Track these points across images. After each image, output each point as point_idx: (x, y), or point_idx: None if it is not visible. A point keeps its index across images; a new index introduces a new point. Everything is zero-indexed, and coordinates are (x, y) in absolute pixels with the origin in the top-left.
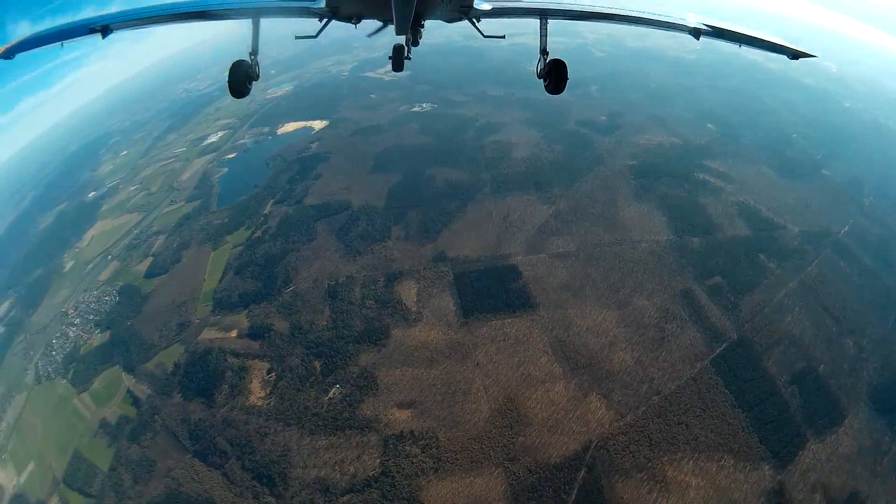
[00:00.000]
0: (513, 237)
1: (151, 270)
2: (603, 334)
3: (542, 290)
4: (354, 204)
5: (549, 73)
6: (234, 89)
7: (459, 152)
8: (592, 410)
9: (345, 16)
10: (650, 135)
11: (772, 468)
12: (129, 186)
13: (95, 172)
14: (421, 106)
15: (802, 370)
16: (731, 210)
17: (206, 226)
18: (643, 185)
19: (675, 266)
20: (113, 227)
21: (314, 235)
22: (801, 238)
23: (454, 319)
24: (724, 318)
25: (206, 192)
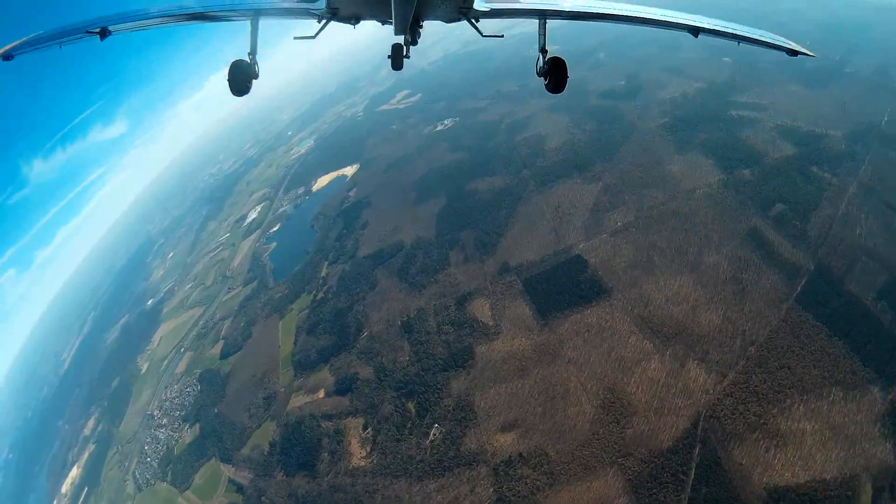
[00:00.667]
0: (569, 226)
1: (226, 351)
2: (683, 301)
3: (611, 273)
4: (406, 241)
5: (548, 72)
6: (235, 88)
7: (494, 158)
8: (693, 378)
9: (344, 17)
10: (672, 87)
11: (880, 388)
12: (185, 286)
13: (149, 281)
14: (443, 123)
15: (886, 282)
16: (772, 135)
17: (268, 301)
18: (681, 139)
19: (735, 204)
20: (178, 325)
21: (376, 282)
22: (846, 140)
23: (533, 324)
24: (796, 251)
25: (260, 271)
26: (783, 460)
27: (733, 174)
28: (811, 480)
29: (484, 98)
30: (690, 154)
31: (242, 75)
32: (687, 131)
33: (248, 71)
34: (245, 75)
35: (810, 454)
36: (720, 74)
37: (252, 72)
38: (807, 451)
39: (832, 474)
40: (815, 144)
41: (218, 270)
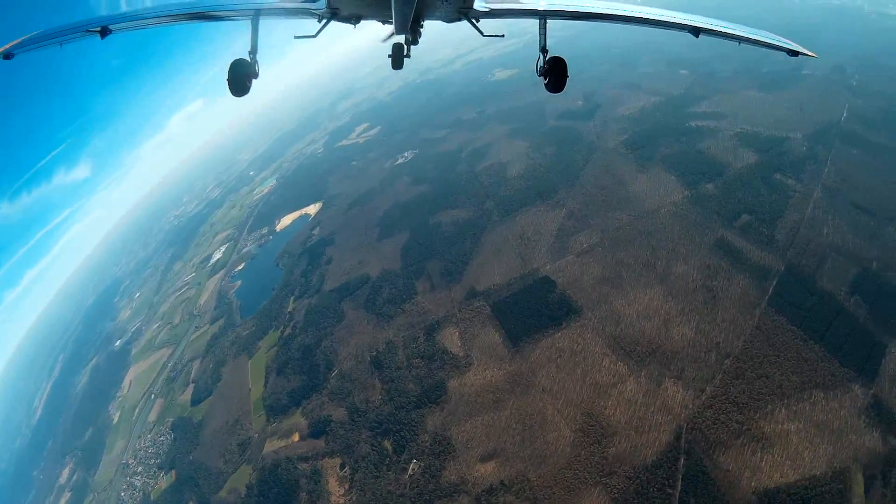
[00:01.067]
0: (535, 251)
1: (196, 396)
2: (654, 315)
3: (580, 291)
4: (372, 274)
5: (548, 72)
6: (234, 87)
7: (457, 190)
8: (671, 396)
9: (344, 16)
10: (630, 103)
11: (861, 385)
12: (152, 325)
13: (116, 321)
14: (404, 156)
15: (857, 276)
16: (733, 143)
17: (235, 339)
18: (642, 156)
19: (700, 219)
20: (148, 367)
21: (343, 315)
22: (807, 142)
23: (505, 352)
24: (765, 255)
25: (227, 309)
26: (771, 462)
27: (697, 189)
28: (801, 478)
29: (443, 127)
30: (652, 171)
31: (243, 74)
32: (647, 147)
33: (248, 70)
34: (245, 74)
35: (797, 453)
36: (677, 87)
37: (252, 71)
38: (794, 450)
39: (822, 470)
40: (776, 149)
41: (185, 309)
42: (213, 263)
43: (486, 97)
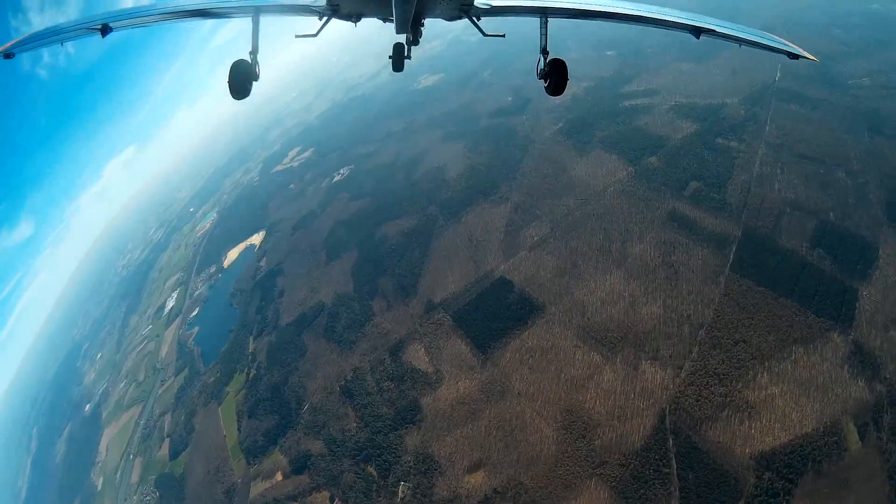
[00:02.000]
0: (486, 251)
1: (174, 449)
2: (619, 299)
3: (539, 287)
4: (326, 301)
5: (549, 74)
6: (235, 90)
7: (398, 200)
8: (650, 379)
9: (345, 14)
10: None
11: (839, 333)
12: (118, 385)
13: (82, 385)
14: (340, 173)
15: (816, 228)
16: (670, 116)
17: (202, 388)
18: (580, 141)
19: (649, 193)
20: (121, 429)
21: (305, 349)
22: (744, 105)
23: (474, 361)
24: (720, 221)
25: (189, 358)
26: (760, 428)
27: (640, 164)
28: (794, 438)
29: (375, 141)
30: (593, 154)
31: (243, 76)
32: (584, 132)
33: (249, 71)
34: (246, 76)
35: (785, 414)
36: (607, 69)
37: (253, 72)
38: (781, 412)
39: (812, 426)
40: (714, 116)
41: (148, 364)
42: (168, 312)
43: (414, 106)
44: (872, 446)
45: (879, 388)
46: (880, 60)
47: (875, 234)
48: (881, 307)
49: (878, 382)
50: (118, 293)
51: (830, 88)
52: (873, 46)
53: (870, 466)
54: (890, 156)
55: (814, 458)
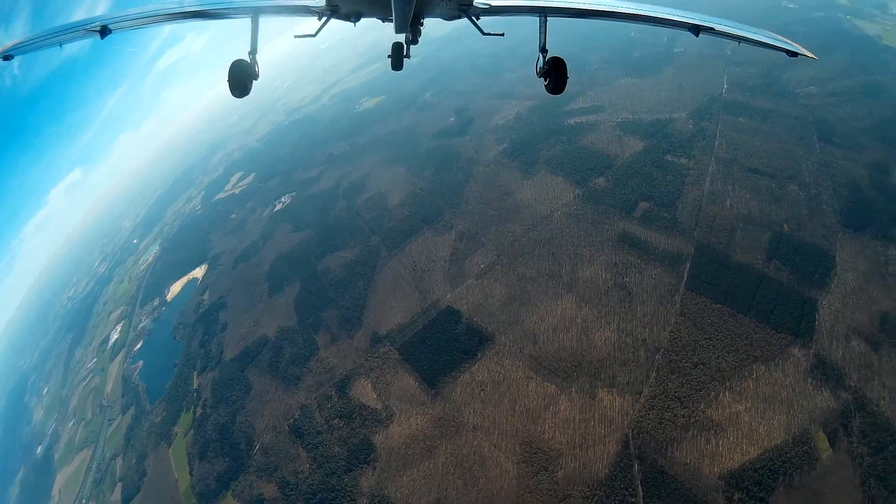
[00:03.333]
0: (432, 281)
1: (126, 495)
2: (571, 325)
3: (487, 317)
4: (269, 335)
5: (549, 72)
6: (234, 88)
7: (340, 230)
8: (609, 406)
9: (344, 14)
10: (504, 112)
11: (800, 347)
12: (67, 424)
13: (32, 424)
14: (281, 201)
15: (771, 241)
16: (616, 134)
17: (150, 428)
18: (525, 162)
19: (597, 216)
20: (73, 472)
21: (250, 385)
22: (692, 119)
23: (424, 396)
24: (671, 240)
25: (135, 394)
26: (727, 444)
27: (587, 186)
28: (763, 452)
29: (317, 165)
30: (538, 176)
31: (243, 75)
32: (529, 153)
33: (248, 71)
34: (245, 75)
35: (752, 429)
36: None
37: (252, 72)
38: (748, 427)
39: (781, 439)
40: (662, 132)
41: (94, 401)
42: (112, 345)
43: (356, 128)
44: (844, 452)
45: (845, 395)
46: (826, 68)
47: (831, 242)
48: (841, 316)
49: (843, 391)
50: (64, 324)
51: (778, 98)
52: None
53: (842, 473)
54: (841, 164)
55: (784, 471)
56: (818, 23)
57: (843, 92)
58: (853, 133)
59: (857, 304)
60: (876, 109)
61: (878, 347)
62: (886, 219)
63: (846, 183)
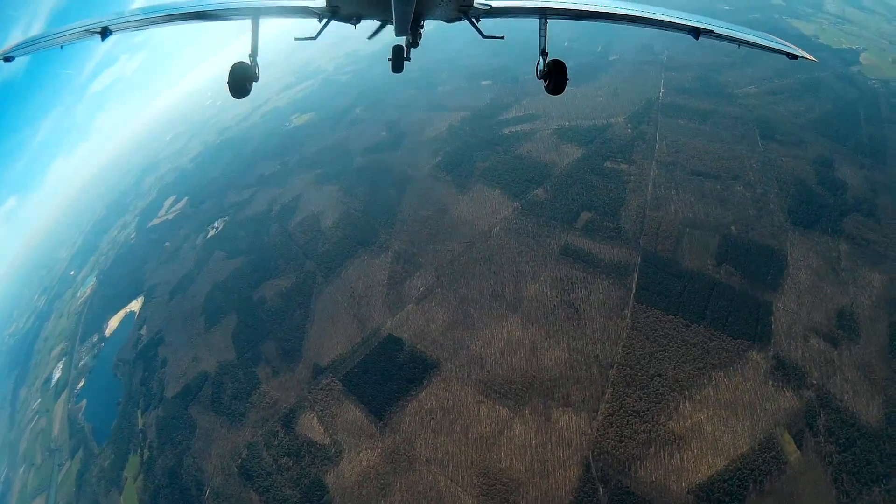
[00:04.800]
0: (370, 308)
1: None
2: (518, 346)
3: (431, 343)
4: (209, 370)
5: (549, 74)
6: (234, 89)
7: (274, 256)
8: (565, 426)
9: (344, 16)
10: (437, 124)
11: (758, 350)
12: (18, 470)
13: None
14: (214, 227)
15: (720, 244)
16: (553, 141)
17: (100, 474)
18: (460, 176)
19: (538, 229)
20: None
21: (194, 424)
22: (630, 124)
23: (372, 429)
24: (617, 250)
25: (82, 436)
26: (692, 457)
27: (526, 198)
28: (730, 462)
29: (249, 187)
30: (474, 190)
31: (243, 77)
32: (464, 165)
33: (248, 73)
34: (245, 77)
35: (716, 438)
36: (482, 98)
37: (252, 74)
38: (711, 437)
39: (747, 446)
40: (600, 138)
41: (42, 444)
42: (56, 384)
43: (287, 146)
44: (812, 452)
45: (808, 394)
46: (764, 67)
47: (781, 241)
48: (797, 316)
49: (806, 389)
50: (7, 362)
51: (717, 99)
52: (755, 54)
53: (813, 473)
54: (786, 162)
55: (754, 479)
56: (754, 24)
57: (782, 90)
58: (795, 129)
59: (812, 302)
60: (817, 105)
61: (837, 343)
62: (835, 213)
63: (792, 180)
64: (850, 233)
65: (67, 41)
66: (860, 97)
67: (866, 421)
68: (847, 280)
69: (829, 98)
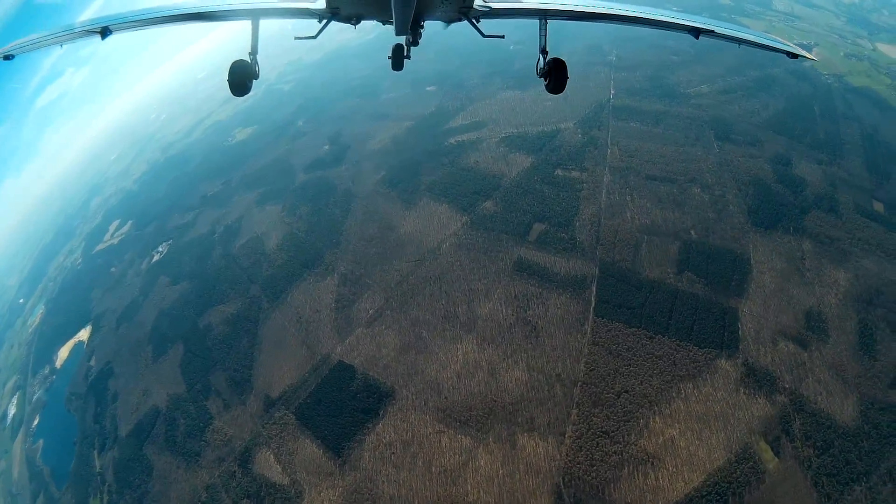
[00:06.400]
0: (319, 334)
1: None
2: (476, 369)
3: (384, 370)
4: (161, 405)
5: (549, 73)
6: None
7: (218, 281)
8: (532, 453)
9: (345, 16)
10: (381, 135)
11: (727, 358)
12: None
13: None
14: (158, 251)
15: (680, 251)
16: (501, 150)
17: None
18: (405, 190)
19: (489, 244)
20: None
21: (150, 466)
22: (581, 129)
23: (331, 465)
24: (573, 262)
25: (41, 480)
26: (668, 476)
27: (475, 211)
28: (707, 476)
29: (191, 208)
30: (421, 204)
31: (243, 75)
32: (409, 179)
33: (248, 71)
34: (245, 75)
35: (691, 453)
36: (427, 106)
37: (252, 72)
38: (685, 453)
39: (723, 458)
40: (550, 145)
41: (4, 488)
42: (11, 421)
43: (230, 164)
44: (789, 457)
45: (781, 399)
46: (715, 65)
47: (743, 243)
48: (764, 321)
49: (779, 394)
50: None
51: (668, 100)
52: (705, 52)
53: (793, 479)
54: (743, 162)
55: (734, 491)
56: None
57: (735, 88)
58: (751, 129)
59: (779, 305)
60: (771, 103)
61: (807, 345)
62: (796, 211)
63: (750, 180)
64: (813, 231)
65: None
66: (814, 93)
67: (842, 421)
68: (812, 280)
69: (784, 95)
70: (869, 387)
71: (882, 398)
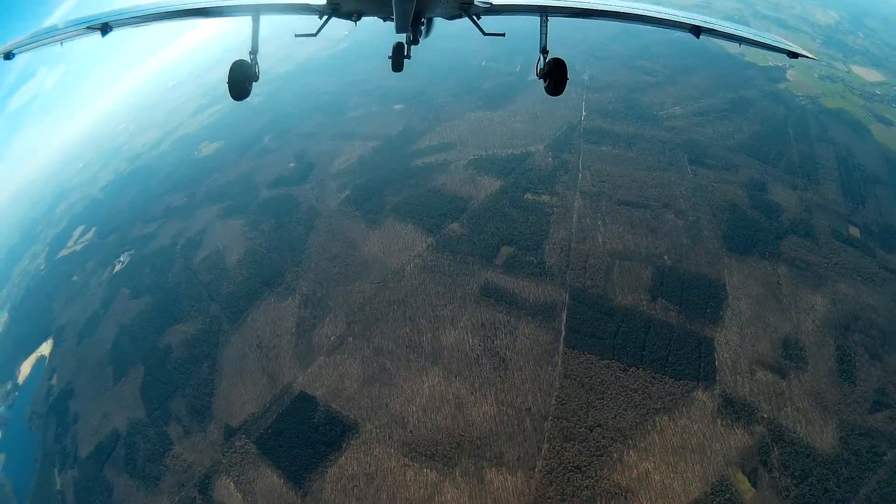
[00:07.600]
0: (279, 360)
1: None
2: (442, 402)
3: (346, 401)
4: (121, 428)
5: (548, 73)
6: (234, 90)
7: (179, 296)
8: (500, 487)
9: (345, 13)
10: (346, 155)
11: (704, 389)
12: None
13: None
14: (120, 261)
15: (653, 277)
16: (470, 173)
17: None
18: (370, 210)
19: (455, 266)
20: None
21: (110, 488)
22: (551, 151)
23: (292, 496)
24: (542, 287)
25: (3, 493)
26: None
27: (441, 233)
28: None
29: (154, 219)
30: (385, 225)
31: (243, 77)
32: (374, 199)
33: (248, 72)
34: (245, 77)
35: (665, 486)
36: (394, 125)
37: (253, 73)
38: (660, 486)
39: (700, 490)
40: (519, 168)
41: None
42: None
43: (195, 177)
44: (767, 488)
45: (759, 429)
46: (688, 86)
47: (718, 269)
48: (741, 350)
49: (757, 424)
50: None
51: (641, 122)
52: (678, 73)
53: None
54: (718, 187)
55: None
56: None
57: (709, 110)
58: (725, 152)
59: (755, 333)
60: (745, 125)
61: (785, 373)
62: (771, 236)
63: (725, 205)
64: (789, 255)
65: (68, 38)
66: (788, 115)
67: (821, 448)
68: (789, 305)
69: (758, 117)
70: (849, 413)
71: (862, 423)
